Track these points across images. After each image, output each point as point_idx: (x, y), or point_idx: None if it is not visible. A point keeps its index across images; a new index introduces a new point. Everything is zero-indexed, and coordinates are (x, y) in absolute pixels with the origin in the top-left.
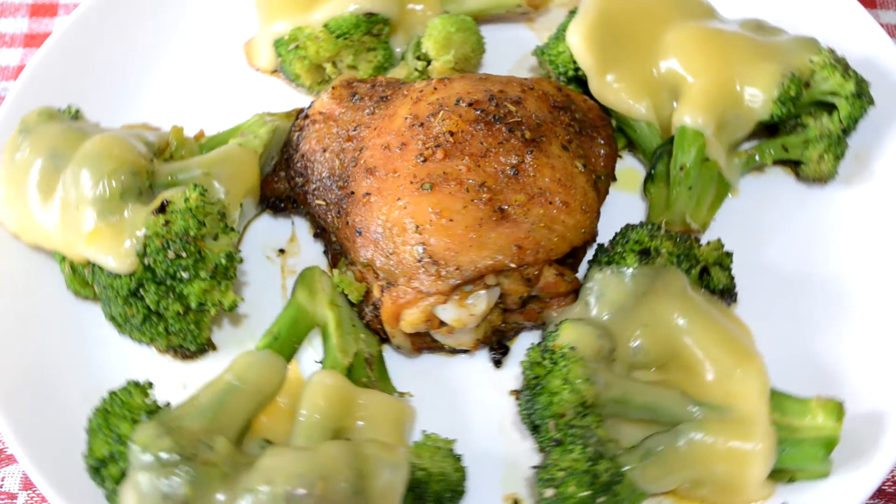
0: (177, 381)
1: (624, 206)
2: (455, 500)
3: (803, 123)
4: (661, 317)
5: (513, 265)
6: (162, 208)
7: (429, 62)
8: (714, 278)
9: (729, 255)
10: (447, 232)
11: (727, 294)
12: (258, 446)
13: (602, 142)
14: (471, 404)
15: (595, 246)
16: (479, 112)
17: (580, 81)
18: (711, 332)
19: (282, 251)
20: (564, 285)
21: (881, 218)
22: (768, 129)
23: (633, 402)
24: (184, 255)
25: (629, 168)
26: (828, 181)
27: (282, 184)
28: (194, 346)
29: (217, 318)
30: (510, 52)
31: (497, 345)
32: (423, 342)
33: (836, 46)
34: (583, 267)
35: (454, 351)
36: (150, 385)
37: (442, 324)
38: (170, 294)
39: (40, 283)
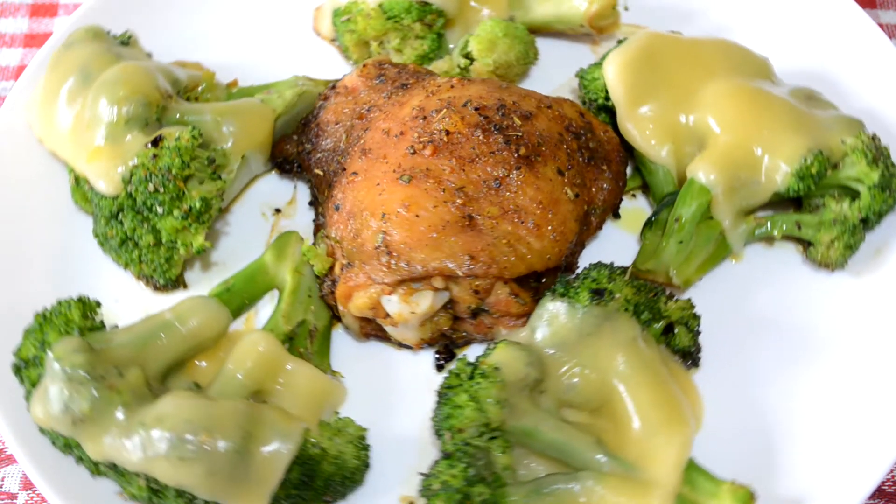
0: (142, 310)
1: (619, 245)
2: (346, 487)
3: (826, 205)
4: (600, 361)
5: (460, 273)
6: (156, 142)
7: (472, 62)
8: (677, 337)
9: (696, 317)
10: (409, 226)
11: (688, 356)
12: (185, 387)
13: (609, 176)
14: (400, 400)
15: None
16: (482, 118)
17: (611, 112)
18: (647, 390)
19: (278, 211)
20: (516, 307)
21: (879, 315)
22: (793, 203)
23: (542, 436)
24: (162, 190)
25: (638, 209)
26: (834, 269)
27: (292, 146)
28: (163, 280)
29: (190, 260)
30: (562, 70)
31: (444, 349)
32: (371, 328)
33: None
34: None
35: (401, 345)
36: (98, 304)
37: (388, 314)
38: (144, 224)
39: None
